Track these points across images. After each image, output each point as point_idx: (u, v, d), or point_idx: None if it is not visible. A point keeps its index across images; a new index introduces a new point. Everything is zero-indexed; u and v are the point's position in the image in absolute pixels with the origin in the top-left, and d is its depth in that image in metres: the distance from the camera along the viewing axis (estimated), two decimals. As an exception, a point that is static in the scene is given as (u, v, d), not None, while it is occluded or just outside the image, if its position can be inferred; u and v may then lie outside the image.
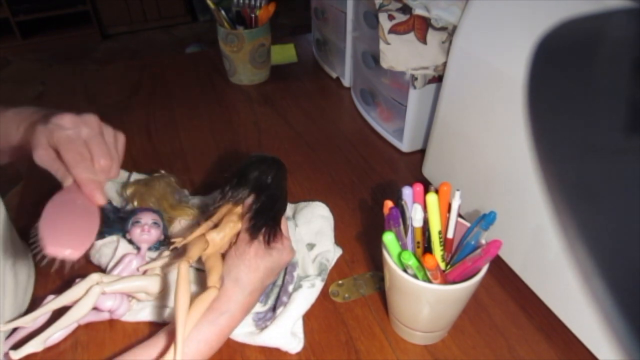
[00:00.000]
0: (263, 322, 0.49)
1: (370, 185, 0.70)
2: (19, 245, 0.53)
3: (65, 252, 0.36)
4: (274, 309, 0.49)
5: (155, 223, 0.55)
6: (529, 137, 0.21)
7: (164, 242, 0.56)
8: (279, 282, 0.51)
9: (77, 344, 0.48)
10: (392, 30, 0.64)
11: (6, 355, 0.45)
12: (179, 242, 0.48)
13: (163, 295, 0.50)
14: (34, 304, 0.51)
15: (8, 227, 0.51)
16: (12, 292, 0.48)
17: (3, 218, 0.50)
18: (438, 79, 0.67)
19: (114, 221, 0.57)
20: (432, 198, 0.41)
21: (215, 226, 0.50)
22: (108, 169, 0.44)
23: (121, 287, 0.48)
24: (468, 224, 0.45)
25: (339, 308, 0.52)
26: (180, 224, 0.60)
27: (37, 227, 0.37)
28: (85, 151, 0.43)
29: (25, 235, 0.57)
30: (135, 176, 0.67)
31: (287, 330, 0.47)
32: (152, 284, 0.49)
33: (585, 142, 0.21)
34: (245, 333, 0.48)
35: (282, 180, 0.53)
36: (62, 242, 0.36)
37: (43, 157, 0.43)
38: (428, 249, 0.45)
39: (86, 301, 0.47)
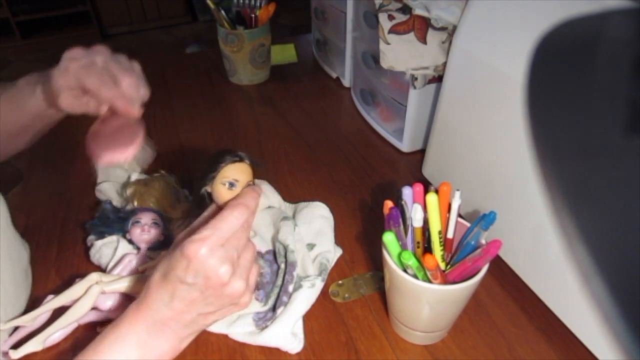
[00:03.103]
0: (263, 322, 0.49)
1: (370, 185, 0.70)
2: (18, 244, 0.53)
3: (114, 158, 0.40)
4: (274, 309, 0.49)
5: (155, 223, 0.55)
6: (528, 137, 0.21)
7: (164, 242, 0.56)
8: (279, 282, 0.51)
9: (77, 344, 0.48)
10: (392, 30, 0.64)
11: (6, 354, 0.45)
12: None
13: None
14: (34, 303, 0.51)
15: (8, 226, 0.51)
16: (11, 292, 0.48)
17: (4, 216, 0.50)
18: (438, 79, 0.67)
19: (114, 221, 0.57)
20: (432, 198, 0.41)
21: None
22: (135, 86, 0.43)
23: (121, 287, 0.48)
24: (468, 224, 0.45)
25: (339, 308, 0.52)
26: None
27: (88, 149, 0.41)
28: (106, 74, 0.43)
29: (24, 234, 0.57)
30: (135, 176, 0.67)
31: (288, 330, 0.47)
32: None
33: (585, 142, 0.21)
34: (245, 333, 0.48)
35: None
36: (109, 152, 0.41)
37: (68, 100, 0.43)
38: (428, 249, 0.45)
39: (86, 301, 0.47)
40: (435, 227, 0.43)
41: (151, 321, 0.37)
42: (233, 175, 0.40)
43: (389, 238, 0.40)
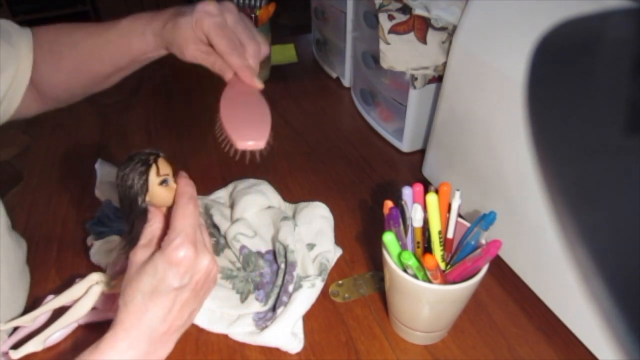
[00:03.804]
0: (263, 322, 0.49)
1: (370, 185, 0.70)
2: (15, 244, 0.53)
3: (252, 144, 0.39)
4: (274, 308, 0.49)
5: (155, 223, 0.55)
6: (528, 137, 0.21)
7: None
8: (279, 282, 0.51)
9: (77, 344, 0.48)
10: (392, 30, 0.64)
11: (6, 354, 0.45)
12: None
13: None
14: (34, 303, 0.51)
15: (6, 228, 0.51)
16: (7, 292, 0.48)
17: (2, 219, 0.49)
18: (438, 79, 0.67)
19: (114, 221, 0.57)
20: (432, 198, 0.41)
21: None
22: (257, 52, 0.44)
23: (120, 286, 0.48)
24: (468, 224, 0.45)
25: (339, 308, 0.52)
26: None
27: (220, 126, 0.40)
28: (235, 38, 0.43)
29: (24, 234, 0.57)
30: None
31: (288, 330, 0.47)
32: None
33: (585, 142, 0.21)
34: (245, 333, 0.48)
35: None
36: (247, 136, 0.39)
37: (196, 53, 0.43)
38: (428, 249, 0.45)
39: (86, 301, 0.47)
40: (435, 227, 0.43)
41: (145, 343, 0.36)
42: (163, 171, 0.39)
43: (389, 238, 0.40)
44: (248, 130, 0.40)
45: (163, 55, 0.51)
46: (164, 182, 0.39)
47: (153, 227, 0.39)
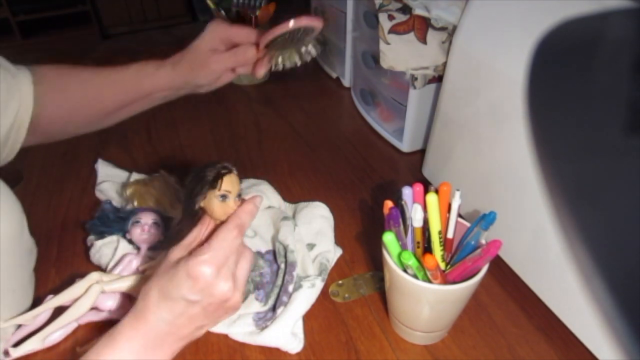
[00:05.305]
0: (263, 322, 0.49)
1: (370, 185, 0.70)
2: (30, 248, 0.52)
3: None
4: (274, 308, 0.49)
5: (155, 223, 0.55)
6: (528, 137, 0.21)
7: (164, 241, 0.56)
8: (279, 282, 0.51)
9: (77, 344, 0.48)
10: (392, 30, 0.64)
11: (6, 353, 0.45)
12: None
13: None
14: (34, 303, 0.51)
15: (24, 230, 0.50)
16: (19, 295, 0.48)
17: (20, 221, 0.49)
18: (438, 79, 0.67)
19: (114, 221, 0.57)
20: (432, 198, 0.41)
21: None
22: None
23: (121, 286, 0.48)
24: (468, 224, 0.45)
25: (339, 308, 0.52)
26: (180, 223, 0.60)
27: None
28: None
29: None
30: (135, 176, 0.67)
31: (288, 330, 0.47)
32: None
33: (585, 142, 0.21)
34: (245, 333, 0.48)
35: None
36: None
37: (220, 57, 0.53)
38: (428, 249, 0.45)
39: (86, 300, 0.47)
40: (435, 227, 0.43)
41: (148, 338, 0.38)
42: (225, 187, 0.40)
43: (389, 238, 0.40)
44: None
45: (171, 98, 0.58)
46: (223, 197, 0.40)
47: (195, 233, 0.41)
